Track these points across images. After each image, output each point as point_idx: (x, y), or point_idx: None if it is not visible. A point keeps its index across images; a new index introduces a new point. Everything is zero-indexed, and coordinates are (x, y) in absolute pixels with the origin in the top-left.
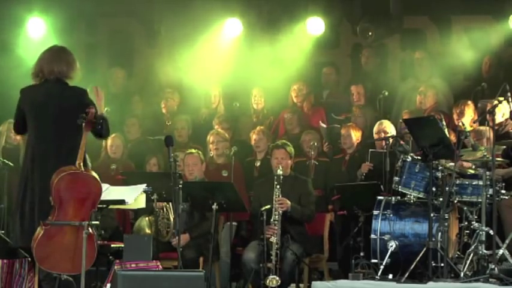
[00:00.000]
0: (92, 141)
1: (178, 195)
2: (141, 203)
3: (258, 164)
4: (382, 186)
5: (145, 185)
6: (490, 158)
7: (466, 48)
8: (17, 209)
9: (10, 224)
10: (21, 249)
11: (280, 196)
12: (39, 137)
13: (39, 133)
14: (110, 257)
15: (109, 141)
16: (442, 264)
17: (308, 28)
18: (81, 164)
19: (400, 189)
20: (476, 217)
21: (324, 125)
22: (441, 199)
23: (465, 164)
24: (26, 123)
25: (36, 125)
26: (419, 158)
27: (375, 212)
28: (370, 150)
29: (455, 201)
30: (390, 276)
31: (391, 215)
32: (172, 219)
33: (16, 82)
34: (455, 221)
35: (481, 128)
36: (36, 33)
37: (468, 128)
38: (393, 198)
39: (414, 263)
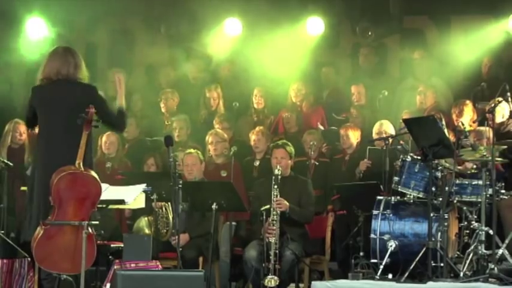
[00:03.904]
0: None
1: (178, 195)
2: (141, 203)
3: (257, 163)
4: (381, 186)
5: (144, 184)
6: (490, 157)
7: (466, 48)
8: (29, 204)
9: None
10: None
11: (279, 196)
12: (49, 135)
13: (49, 131)
14: (110, 257)
15: (103, 138)
16: (442, 264)
17: (308, 28)
18: (81, 163)
19: (399, 189)
20: (475, 217)
21: (322, 127)
22: (441, 199)
23: (468, 165)
24: (37, 119)
25: (46, 123)
26: (418, 157)
27: (375, 212)
28: (369, 147)
29: (455, 201)
30: (390, 276)
31: (391, 215)
32: (171, 218)
33: (16, 83)
34: (454, 221)
35: (481, 128)
36: (36, 33)
37: (468, 128)
38: (393, 198)
39: (414, 263)
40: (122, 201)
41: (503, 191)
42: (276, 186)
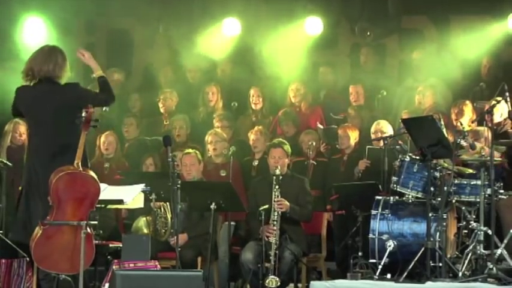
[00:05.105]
0: (87, 140)
1: (176, 195)
2: (139, 203)
3: (255, 163)
4: (380, 186)
5: (143, 184)
6: (488, 157)
7: (465, 48)
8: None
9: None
10: (19, 245)
11: (280, 197)
12: (36, 136)
13: (36, 132)
14: (109, 257)
15: (102, 138)
16: (441, 264)
17: (306, 28)
18: (79, 163)
19: (398, 189)
20: (474, 217)
21: (321, 126)
22: (439, 199)
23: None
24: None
25: (32, 124)
26: (417, 157)
27: (373, 212)
28: (368, 147)
29: (454, 201)
30: (388, 276)
31: (390, 215)
32: (170, 218)
33: (15, 82)
34: (453, 221)
35: (479, 128)
36: (35, 33)
37: (466, 128)
38: (391, 198)
39: (412, 263)
40: (120, 201)
41: (501, 191)
42: (277, 187)
